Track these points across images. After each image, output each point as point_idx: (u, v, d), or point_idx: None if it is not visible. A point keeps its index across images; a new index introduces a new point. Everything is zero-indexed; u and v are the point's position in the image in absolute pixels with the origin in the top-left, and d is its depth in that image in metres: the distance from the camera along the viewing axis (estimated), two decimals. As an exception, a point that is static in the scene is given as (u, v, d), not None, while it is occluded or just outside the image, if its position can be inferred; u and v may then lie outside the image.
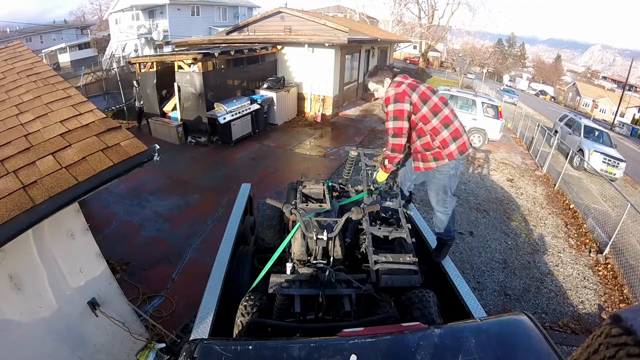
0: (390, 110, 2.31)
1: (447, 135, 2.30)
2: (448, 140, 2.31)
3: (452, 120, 2.32)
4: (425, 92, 2.31)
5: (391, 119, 2.31)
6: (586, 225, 6.67)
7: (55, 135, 2.13)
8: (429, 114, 2.29)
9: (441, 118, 2.29)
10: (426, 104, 2.28)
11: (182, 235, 5.20)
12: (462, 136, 2.34)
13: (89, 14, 46.55)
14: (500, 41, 62.70)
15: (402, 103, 2.27)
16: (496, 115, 10.18)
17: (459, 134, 2.33)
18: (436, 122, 2.29)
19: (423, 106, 2.29)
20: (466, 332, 1.41)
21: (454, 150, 2.33)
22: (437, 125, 2.29)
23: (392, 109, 2.29)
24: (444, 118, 2.30)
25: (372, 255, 2.25)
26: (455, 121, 2.34)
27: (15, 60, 3.00)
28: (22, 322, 2.13)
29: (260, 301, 1.94)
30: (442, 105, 2.32)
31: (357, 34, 12.67)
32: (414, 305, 1.99)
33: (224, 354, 1.22)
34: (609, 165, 10.21)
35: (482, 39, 38.95)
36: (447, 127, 2.30)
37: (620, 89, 34.00)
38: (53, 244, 2.24)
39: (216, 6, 24.74)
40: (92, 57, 26.31)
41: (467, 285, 2.29)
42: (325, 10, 33.37)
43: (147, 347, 2.90)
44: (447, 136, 2.30)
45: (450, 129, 2.30)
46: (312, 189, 3.02)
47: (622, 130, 27.44)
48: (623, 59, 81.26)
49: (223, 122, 8.47)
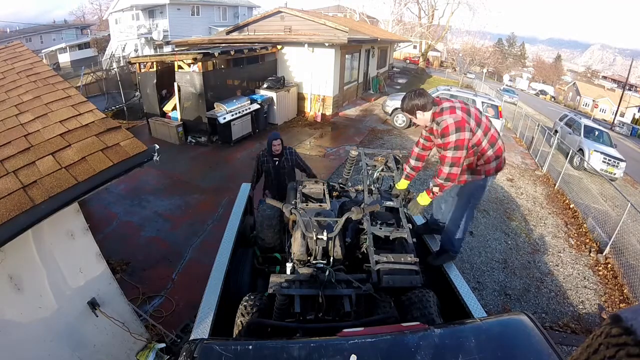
0: (451, 140, 2.17)
1: (492, 154, 2.33)
2: (492, 158, 2.34)
3: (497, 139, 2.34)
4: (477, 114, 2.29)
5: (452, 148, 2.18)
6: (586, 225, 6.67)
7: (55, 135, 2.13)
8: (482, 136, 2.27)
9: (489, 138, 2.30)
10: (480, 126, 2.26)
11: (182, 235, 5.19)
12: (502, 155, 2.38)
13: (89, 14, 46.58)
14: (500, 41, 62.67)
15: (463, 132, 2.16)
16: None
17: (501, 153, 2.37)
18: (485, 142, 2.29)
19: (478, 129, 2.26)
20: (466, 332, 1.41)
21: (493, 167, 2.37)
22: (485, 146, 2.30)
23: (454, 139, 2.16)
24: (491, 137, 2.32)
25: (374, 255, 2.25)
26: (499, 140, 2.35)
27: (15, 60, 3.00)
28: (22, 322, 2.13)
29: (260, 301, 1.94)
30: (489, 125, 2.33)
31: (357, 33, 12.67)
32: (414, 305, 1.99)
33: (224, 354, 1.22)
34: (609, 164, 10.21)
35: (482, 38, 38.98)
36: (493, 147, 2.32)
37: (620, 88, 33.98)
38: (53, 244, 2.24)
39: (216, 6, 24.73)
40: (92, 57, 26.31)
41: (467, 285, 2.29)
42: (325, 10, 33.35)
43: (147, 347, 2.90)
44: (492, 154, 2.33)
45: (494, 148, 2.33)
46: (312, 189, 3.01)
47: (622, 129, 27.43)
48: (623, 58, 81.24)
49: (223, 122, 8.46)
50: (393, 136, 10.48)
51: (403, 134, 10.80)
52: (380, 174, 3.21)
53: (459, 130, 2.15)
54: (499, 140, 2.35)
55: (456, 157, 2.19)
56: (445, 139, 2.19)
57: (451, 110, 2.22)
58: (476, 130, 2.24)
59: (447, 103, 2.29)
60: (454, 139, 2.16)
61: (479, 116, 2.29)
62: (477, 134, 2.24)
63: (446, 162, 2.23)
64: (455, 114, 2.19)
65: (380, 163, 3.26)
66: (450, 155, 2.20)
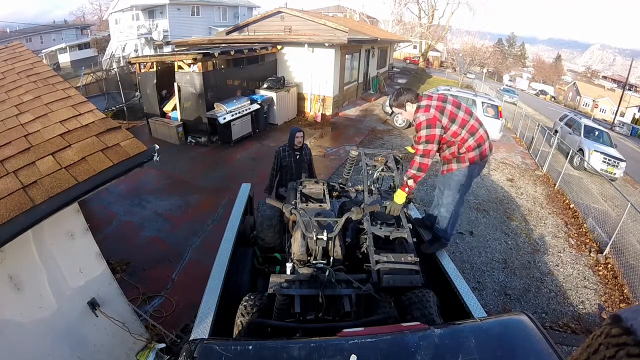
0: (422, 135, 2.43)
1: (473, 142, 2.49)
2: (473, 146, 2.50)
3: (477, 128, 2.50)
4: (453, 110, 2.46)
5: (423, 142, 2.45)
6: (586, 225, 6.67)
7: (55, 135, 2.13)
8: (459, 129, 2.47)
9: (468, 128, 2.47)
10: (454, 122, 2.45)
11: (182, 235, 5.19)
12: (484, 143, 2.52)
13: (89, 14, 46.59)
14: (500, 41, 62.67)
15: (434, 128, 2.41)
16: (496, 115, 10.18)
17: (483, 141, 2.52)
18: (464, 133, 2.48)
19: (452, 125, 2.46)
20: (466, 332, 1.41)
21: (477, 155, 2.52)
22: (464, 136, 2.48)
23: (425, 134, 2.42)
24: (470, 128, 2.48)
25: (374, 255, 2.25)
26: (480, 129, 2.51)
27: (15, 60, 3.00)
28: (22, 322, 2.13)
29: (260, 301, 1.94)
30: (468, 117, 2.49)
31: (357, 33, 12.67)
32: (414, 305, 1.99)
33: (224, 354, 1.22)
34: (609, 164, 10.21)
35: (482, 38, 38.99)
36: (473, 135, 2.49)
37: (620, 88, 33.98)
38: (53, 244, 2.24)
39: (216, 6, 24.74)
40: (92, 57, 26.33)
41: (467, 285, 2.29)
42: (325, 10, 33.37)
43: (147, 347, 2.90)
44: (473, 143, 2.49)
45: (475, 136, 2.49)
46: (312, 189, 3.02)
47: (622, 129, 27.43)
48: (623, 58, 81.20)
49: (223, 122, 8.46)
50: (393, 136, 10.48)
51: (403, 134, 10.80)
52: (380, 174, 3.21)
53: (430, 127, 2.42)
54: (479, 129, 2.50)
55: (426, 150, 2.44)
56: (418, 134, 2.46)
57: (425, 109, 2.46)
58: (450, 126, 2.45)
59: (425, 101, 2.50)
60: (424, 134, 2.43)
61: (455, 112, 2.47)
62: (452, 127, 2.45)
63: (417, 153, 2.48)
64: (428, 112, 2.44)
65: (380, 163, 3.26)
66: (421, 148, 2.45)
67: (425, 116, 2.43)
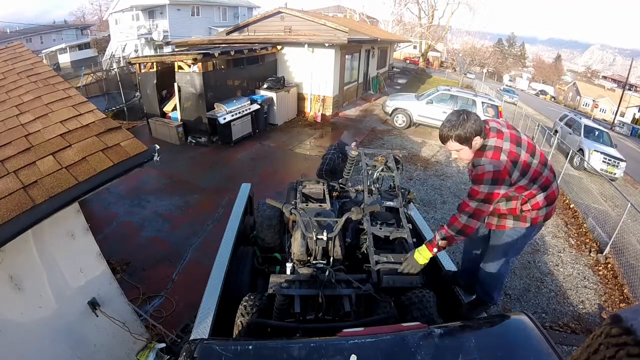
0: (482, 191, 1.79)
1: (542, 199, 1.91)
2: (541, 204, 1.92)
3: (551, 181, 1.92)
4: (527, 160, 1.83)
5: (478, 200, 1.81)
6: (586, 224, 6.67)
7: (56, 135, 2.13)
8: (528, 183, 1.87)
9: (541, 182, 1.89)
10: (525, 175, 1.84)
11: (182, 236, 5.19)
12: (555, 201, 1.97)
13: (89, 15, 46.63)
14: (500, 41, 62.69)
15: (500, 186, 1.77)
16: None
17: (553, 198, 1.95)
18: (534, 187, 1.89)
19: (522, 178, 1.84)
20: (466, 332, 1.41)
21: (542, 215, 1.95)
22: (533, 190, 1.89)
23: (486, 191, 1.78)
24: (544, 181, 1.89)
25: (374, 255, 2.25)
26: (554, 182, 1.95)
27: (16, 60, 3.00)
28: (22, 322, 2.14)
29: (260, 301, 1.94)
30: (541, 168, 1.88)
31: (357, 34, 12.67)
32: (414, 305, 1.99)
33: (224, 354, 1.22)
34: (609, 164, 10.21)
35: (482, 38, 39.03)
36: (545, 190, 1.90)
37: (621, 88, 33.98)
38: (53, 244, 2.24)
39: (216, 6, 24.73)
40: (92, 57, 26.32)
41: None
42: (325, 10, 33.39)
43: (147, 347, 2.90)
44: (542, 200, 1.91)
45: (547, 191, 1.91)
46: (312, 189, 3.02)
47: (622, 129, 27.42)
48: (623, 58, 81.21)
49: (223, 122, 8.47)
50: (393, 136, 10.48)
51: (403, 134, 10.80)
52: (380, 174, 3.21)
53: (496, 183, 1.76)
54: (553, 183, 1.93)
55: (480, 210, 1.83)
56: (476, 186, 1.82)
57: (495, 154, 1.79)
58: (519, 179, 1.83)
59: (493, 139, 1.82)
60: (485, 190, 1.78)
61: (528, 162, 1.83)
62: (520, 182, 1.84)
63: (466, 211, 1.85)
64: (499, 160, 1.77)
65: (380, 163, 3.26)
66: (474, 206, 1.83)
67: (493, 166, 1.76)
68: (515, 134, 1.88)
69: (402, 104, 11.22)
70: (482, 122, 1.82)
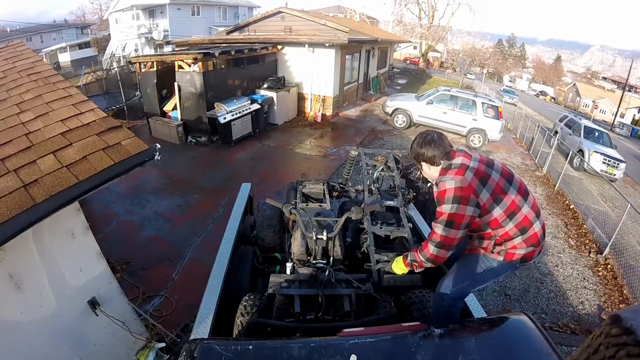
0: (444, 211, 1.63)
1: (520, 241, 1.70)
2: (518, 246, 1.70)
3: (532, 222, 1.69)
4: (500, 183, 1.65)
5: (442, 223, 1.64)
6: (586, 225, 6.67)
7: (56, 134, 2.13)
8: (503, 217, 1.65)
9: (518, 221, 1.67)
10: (500, 204, 1.64)
11: (182, 235, 5.19)
12: (539, 245, 1.74)
13: (89, 14, 46.55)
14: (500, 41, 62.70)
15: (465, 206, 1.59)
16: (496, 116, 10.18)
17: (536, 242, 1.72)
18: (510, 226, 1.67)
19: (495, 207, 1.64)
20: (466, 332, 1.41)
21: (519, 255, 1.72)
22: (509, 230, 1.68)
23: (448, 212, 1.61)
24: (522, 221, 1.67)
25: (374, 254, 2.25)
26: (535, 223, 1.70)
27: (16, 59, 3.00)
28: (22, 321, 2.13)
29: (260, 301, 1.95)
30: (521, 202, 1.67)
31: (358, 34, 12.67)
32: (414, 305, 2.00)
33: (224, 354, 1.22)
34: (609, 165, 10.21)
35: (482, 39, 39.10)
36: (524, 233, 1.69)
37: (620, 89, 34.00)
38: (53, 243, 2.24)
39: (216, 6, 24.74)
40: (93, 56, 26.36)
41: None
42: (325, 10, 33.39)
43: (147, 347, 2.90)
44: (520, 243, 1.70)
45: (526, 234, 1.69)
46: (312, 189, 3.02)
47: (622, 130, 27.45)
48: (623, 59, 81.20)
49: (223, 121, 8.47)
50: (393, 136, 10.48)
51: (403, 134, 10.80)
52: (380, 173, 3.22)
53: (459, 202, 1.59)
54: (535, 223, 1.69)
55: (448, 238, 1.65)
56: (439, 207, 1.67)
57: (458, 171, 1.64)
58: (492, 208, 1.64)
59: (459, 158, 1.69)
60: (447, 210, 1.61)
61: (504, 187, 1.65)
62: (493, 212, 1.64)
63: (432, 239, 1.70)
64: (463, 177, 1.62)
65: (380, 163, 3.27)
66: (440, 233, 1.66)
67: (454, 183, 1.61)
68: (487, 159, 1.77)
69: (402, 105, 11.23)
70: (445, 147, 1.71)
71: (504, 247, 1.73)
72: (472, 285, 1.87)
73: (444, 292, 1.87)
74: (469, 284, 1.86)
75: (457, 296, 1.87)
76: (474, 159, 1.71)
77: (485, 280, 1.87)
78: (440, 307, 1.90)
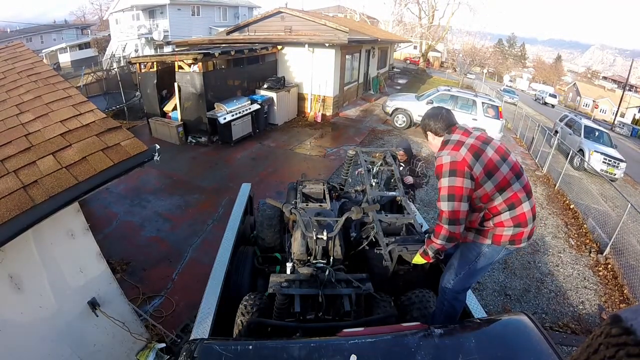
0: (443, 185, 1.72)
1: (508, 218, 1.76)
2: (506, 224, 1.76)
3: (521, 201, 1.75)
4: (493, 158, 1.72)
5: (444, 198, 1.72)
6: (586, 225, 6.67)
7: (56, 135, 2.13)
8: (494, 191, 1.73)
9: (507, 196, 1.74)
10: (492, 178, 1.71)
11: (182, 235, 5.19)
12: (527, 225, 1.78)
13: (90, 14, 46.57)
14: (501, 41, 62.70)
15: (461, 178, 1.68)
16: (496, 116, 10.18)
17: (524, 221, 1.77)
18: (499, 200, 1.74)
19: (487, 181, 1.71)
20: (466, 332, 1.41)
21: (507, 236, 1.78)
22: (498, 205, 1.75)
23: (446, 185, 1.71)
24: (512, 197, 1.74)
25: (383, 238, 2.28)
26: (525, 203, 1.76)
27: (16, 60, 3.00)
28: (22, 321, 2.14)
29: (260, 301, 1.95)
30: (512, 179, 1.74)
31: (358, 34, 12.67)
32: (414, 305, 2.00)
33: (224, 354, 1.22)
34: (609, 165, 10.21)
35: (482, 39, 39.01)
36: (512, 209, 1.75)
37: (621, 89, 33.98)
38: (53, 244, 2.24)
39: (216, 6, 24.74)
40: (93, 57, 26.34)
41: None
42: (325, 10, 33.36)
43: (147, 347, 2.90)
44: (507, 219, 1.76)
45: (515, 211, 1.75)
46: (312, 189, 3.02)
47: (623, 130, 27.41)
48: (623, 59, 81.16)
49: (223, 122, 8.47)
50: (393, 136, 10.47)
51: (403, 134, 10.80)
52: (380, 168, 3.25)
53: (454, 174, 1.69)
54: (524, 203, 1.75)
55: (454, 212, 1.71)
56: (439, 182, 1.77)
57: (455, 147, 1.75)
58: (484, 182, 1.71)
59: (457, 134, 1.80)
60: (446, 184, 1.71)
61: (496, 163, 1.72)
62: (485, 186, 1.71)
63: (443, 217, 1.76)
64: (458, 152, 1.72)
65: (379, 158, 3.31)
66: (445, 209, 1.73)
67: (450, 157, 1.72)
68: (485, 136, 1.85)
69: (402, 104, 11.23)
70: (448, 121, 1.87)
71: (491, 222, 1.79)
72: (470, 275, 1.93)
73: (446, 286, 1.97)
74: (467, 274, 1.92)
75: (459, 289, 1.95)
76: (472, 136, 1.80)
77: (479, 266, 1.91)
78: (444, 300, 1.97)
